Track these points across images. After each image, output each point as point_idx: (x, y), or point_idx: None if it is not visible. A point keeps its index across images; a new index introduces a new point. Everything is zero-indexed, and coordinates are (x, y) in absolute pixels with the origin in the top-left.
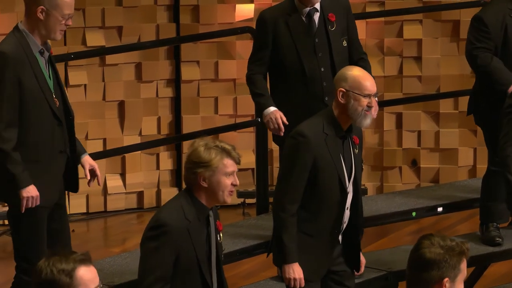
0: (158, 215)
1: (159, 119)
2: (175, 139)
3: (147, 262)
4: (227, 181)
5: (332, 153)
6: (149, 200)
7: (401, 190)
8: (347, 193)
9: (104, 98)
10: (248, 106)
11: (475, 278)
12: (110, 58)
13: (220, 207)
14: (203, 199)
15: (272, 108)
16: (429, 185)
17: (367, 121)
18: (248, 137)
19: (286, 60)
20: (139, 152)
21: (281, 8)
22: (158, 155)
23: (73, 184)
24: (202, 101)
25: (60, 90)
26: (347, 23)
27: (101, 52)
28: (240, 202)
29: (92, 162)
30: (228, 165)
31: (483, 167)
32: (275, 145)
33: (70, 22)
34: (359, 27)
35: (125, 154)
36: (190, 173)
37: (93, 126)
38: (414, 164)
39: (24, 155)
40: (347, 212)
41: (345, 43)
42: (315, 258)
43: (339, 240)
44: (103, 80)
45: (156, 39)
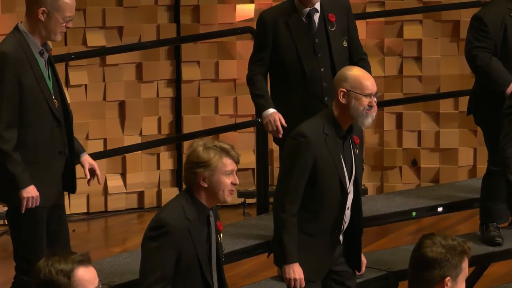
0: (159, 215)
1: (159, 119)
2: (175, 139)
3: (148, 262)
4: (227, 180)
5: (332, 153)
6: (150, 200)
7: (401, 190)
8: (347, 193)
9: (104, 98)
10: (248, 106)
11: (475, 278)
12: (110, 58)
13: (221, 207)
14: (203, 199)
15: (271, 110)
16: (429, 185)
17: (368, 121)
18: (248, 137)
19: (286, 60)
20: (140, 152)
21: (281, 8)
22: (158, 155)
23: (71, 185)
24: (202, 101)
25: (60, 91)
26: (347, 23)
27: (101, 52)
28: (240, 202)
29: (92, 161)
30: (227, 164)
31: (483, 167)
32: (275, 145)
33: (70, 25)
34: (359, 27)
35: (125, 154)
36: (189, 174)
37: (94, 126)
38: (414, 164)
39: (24, 155)
40: (347, 212)
41: (345, 43)
42: (316, 258)
43: (340, 240)
44: (104, 80)
45: (157, 39)
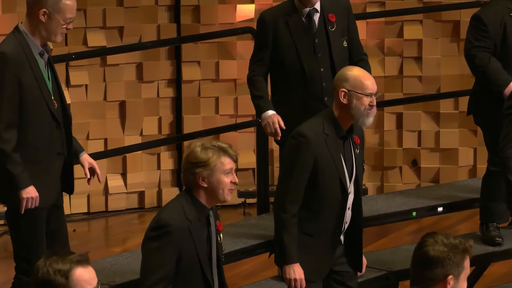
0: (159, 215)
1: (160, 119)
2: (176, 139)
3: (149, 262)
4: (226, 180)
5: (332, 154)
6: (150, 200)
7: (402, 190)
8: (348, 193)
9: (105, 98)
10: (248, 106)
11: (475, 278)
12: (111, 58)
13: (221, 206)
14: (203, 199)
15: (270, 112)
16: (429, 185)
17: (369, 120)
18: (248, 137)
19: (286, 60)
20: (140, 152)
21: (281, 8)
22: (159, 155)
23: (69, 185)
24: (203, 101)
25: (59, 92)
26: (348, 23)
27: (102, 52)
28: (240, 202)
29: (91, 160)
30: (225, 163)
31: (483, 167)
32: (276, 145)
33: (71, 26)
34: (360, 27)
35: (126, 154)
36: (188, 174)
37: (94, 126)
38: (415, 164)
39: (23, 156)
40: (348, 212)
41: (345, 44)
42: (316, 258)
43: (341, 240)
44: (104, 80)
45: (157, 39)
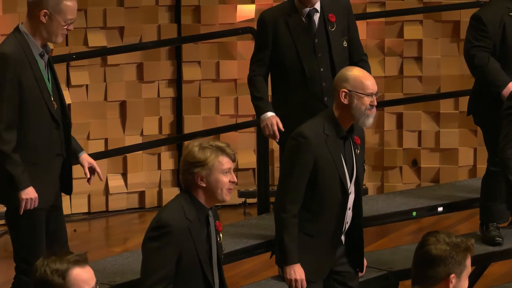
0: (160, 215)
1: (160, 119)
2: (176, 139)
3: (149, 262)
4: (224, 179)
5: (333, 154)
6: (151, 200)
7: (402, 190)
8: (348, 194)
9: (105, 98)
10: (249, 106)
11: (475, 278)
12: (111, 59)
13: (221, 206)
14: (202, 199)
15: (270, 114)
16: (429, 185)
17: (369, 121)
18: (249, 137)
19: (286, 60)
20: (141, 152)
21: (281, 8)
22: (159, 155)
23: (68, 186)
24: (203, 101)
25: (58, 93)
26: (348, 23)
27: (102, 53)
28: (241, 202)
29: (90, 160)
30: (224, 163)
31: (483, 167)
32: (276, 145)
33: (72, 27)
34: (360, 27)
35: (126, 154)
36: (187, 174)
37: (95, 126)
38: (415, 164)
39: (23, 156)
40: (349, 213)
41: (345, 44)
42: (316, 259)
43: (342, 240)
44: (105, 80)
45: (158, 40)
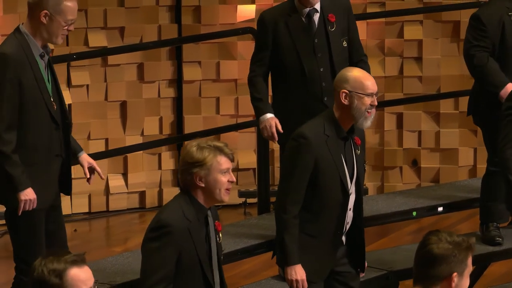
0: (159, 216)
1: (161, 119)
2: (177, 139)
3: (149, 262)
4: (223, 179)
5: (333, 154)
6: (151, 200)
7: (402, 190)
8: (349, 194)
9: (106, 98)
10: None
11: (475, 278)
12: (112, 59)
13: (221, 206)
14: (201, 199)
15: (269, 115)
16: (429, 185)
17: (367, 123)
18: (249, 137)
19: (286, 61)
20: (141, 152)
21: (281, 8)
22: (160, 155)
23: (67, 186)
24: (203, 101)
25: (58, 94)
26: (348, 23)
27: (103, 53)
28: (241, 202)
29: (90, 160)
30: (222, 163)
31: (483, 167)
32: (276, 145)
33: (72, 28)
34: (360, 27)
35: (127, 154)
36: (186, 175)
37: (95, 126)
38: (415, 164)
39: (23, 157)
40: (349, 213)
41: (345, 44)
42: (317, 259)
43: (343, 241)
44: (105, 81)
45: (158, 40)
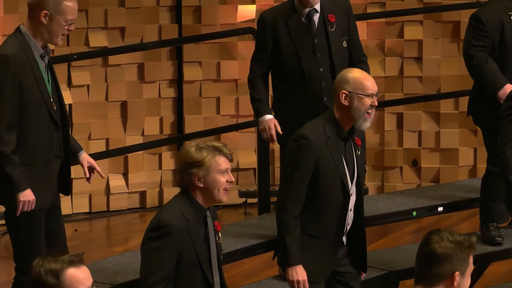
0: (159, 216)
1: (161, 119)
2: (177, 139)
3: (149, 262)
4: (221, 179)
5: (334, 155)
6: (152, 200)
7: (402, 189)
8: (349, 195)
9: (106, 99)
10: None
11: (475, 277)
12: (112, 59)
13: (222, 206)
14: (200, 199)
15: (268, 117)
16: (429, 185)
17: (367, 124)
18: (250, 137)
19: (286, 61)
20: (142, 152)
21: (281, 9)
22: (160, 155)
23: (66, 187)
24: (204, 101)
25: (58, 95)
26: (348, 24)
27: (103, 53)
28: (241, 202)
29: (90, 159)
30: (221, 163)
31: (483, 167)
32: (277, 145)
33: (72, 28)
34: (360, 28)
35: (127, 154)
36: (184, 175)
37: (96, 126)
38: (415, 164)
39: (22, 157)
40: (350, 214)
41: (345, 44)
42: (318, 260)
43: (343, 241)
44: (106, 81)
45: (159, 40)
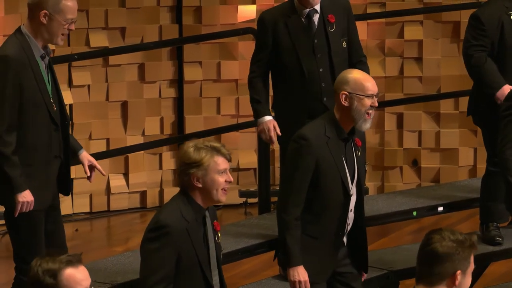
0: (158, 217)
1: (162, 119)
2: (177, 139)
3: (149, 263)
4: (220, 179)
5: (334, 156)
6: (152, 200)
7: (402, 189)
8: (350, 195)
9: (107, 99)
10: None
11: (475, 277)
12: (113, 59)
13: (222, 206)
14: (198, 199)
15: (267, 118)
16: (429, 185)
17: (367, 125)
18: (250, 137)
19: (286, 61)
20: (142, 152)
21: (281, 9)
22: (161, 155)
23: (65, 187)
24: (204, 101)
25: (58, 95)
26: (347, 24)
27: (104, 53)
28: (242, 202)
29: (90, 158)
30: (219, 163)
31: (483, 167)
32: (277, 145)
33: (73, 27)
34: (360, 28)
35: (128, 154)
36: (183, 175)
37: (97, 126)
38: (415, 164)
39: (22, 157)
40: (351, 214)
41: (344, 44)
42: (319, 260)
43: (344, 242)
44: (107, 81)
45: (159, 40)
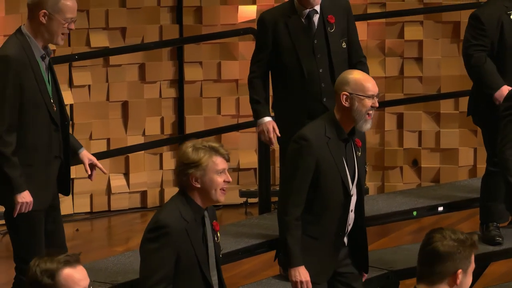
0: (157, 217)
1: (162, 119)
2: (178, 139)
3: (148, 263)
4: (218, 179)
5: (334, 156)
6: (153, 200)
7: (402, 189)
8: (350, 196)
9: (108, 99)
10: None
11: (475, 277)
12: (114, 59)
13: (223, 206)
14: (197, 199)
15: (267, 119)
16: (429, 185)
17: (367, 126)
18: (250, 137)
19: (285, 61)
20: (143, 152)
21: (281, 9)
22: (161, 155)
23: (66, 187)
24: (205, 101)
25: (58, 96)
26: (347, 24)
27: (105, 53)
28: (242, 202)
29: (91, 156)
30: (218, 163)
31: (483, 167)
32: (277, 145)
33: (72, 26)
34: (360, 28)
35: (128, 154)
36: (182, 176)
37: (97, 126)
38: (415, 164)
39: (22, 157)
40: (351, 215)
41: (344, 45)
42: (320, 261)
43: (345, 242)
44: (107, 81)
45: (160, 40)
